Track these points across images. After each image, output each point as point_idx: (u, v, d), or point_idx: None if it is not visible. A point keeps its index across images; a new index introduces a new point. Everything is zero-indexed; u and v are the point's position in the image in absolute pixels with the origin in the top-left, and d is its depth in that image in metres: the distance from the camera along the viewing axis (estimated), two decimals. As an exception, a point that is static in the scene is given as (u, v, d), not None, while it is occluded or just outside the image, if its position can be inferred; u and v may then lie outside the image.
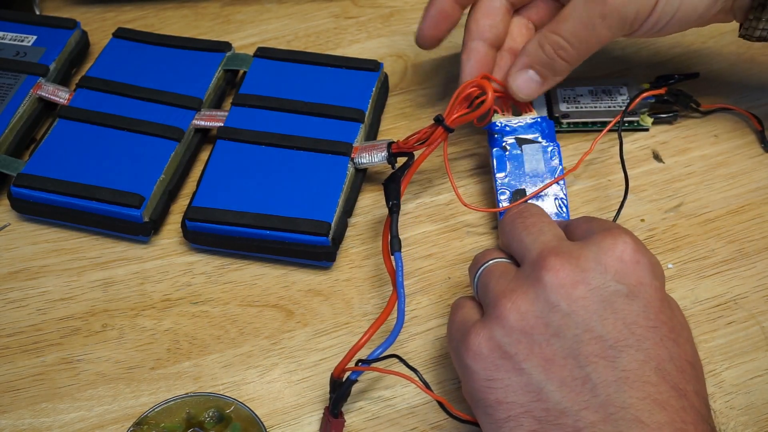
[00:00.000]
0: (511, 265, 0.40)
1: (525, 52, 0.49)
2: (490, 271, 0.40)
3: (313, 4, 0.65)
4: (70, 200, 0.50)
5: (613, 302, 0.36)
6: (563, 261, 0.36)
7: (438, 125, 0.48)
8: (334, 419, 0.42)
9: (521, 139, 0.51)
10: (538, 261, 0.37)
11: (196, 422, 0.43)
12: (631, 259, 0.36)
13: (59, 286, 0.49)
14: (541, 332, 0.36)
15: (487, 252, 0.42)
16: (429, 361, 0.46)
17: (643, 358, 0.35)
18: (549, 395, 0.35)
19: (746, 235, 0.50)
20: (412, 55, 0.61)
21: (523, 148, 0.51)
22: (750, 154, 0.54)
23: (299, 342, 0.47)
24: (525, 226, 0.40)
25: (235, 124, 0.53)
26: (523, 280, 0.37)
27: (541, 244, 0.38)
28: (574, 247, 0.37)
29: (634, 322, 0.35)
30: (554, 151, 0.50)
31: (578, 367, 0.35)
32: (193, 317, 0.48)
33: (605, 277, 0.36)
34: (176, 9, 0.65)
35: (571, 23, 0.47)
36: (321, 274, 0.49)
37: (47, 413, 0.44)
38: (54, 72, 0.57)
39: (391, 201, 0.47)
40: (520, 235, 0.40)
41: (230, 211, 0.48)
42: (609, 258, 0.36)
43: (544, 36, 0.48)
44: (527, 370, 0.36)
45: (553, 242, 0.38)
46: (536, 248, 0.38)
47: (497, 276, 0.39)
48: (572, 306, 0.36)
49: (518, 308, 0.36)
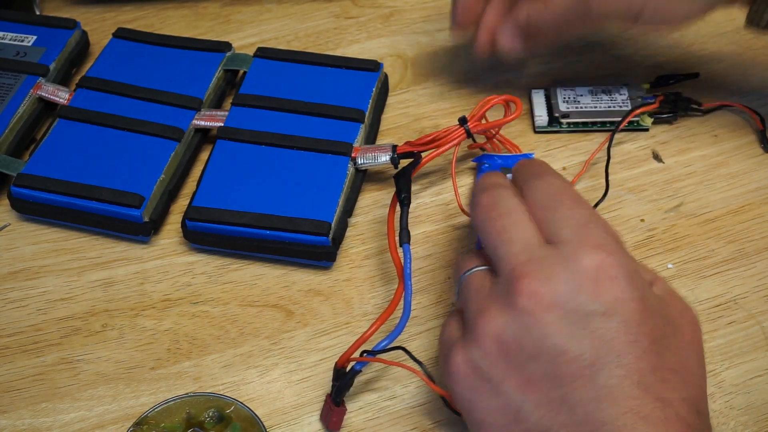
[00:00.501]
0: (489, 278, 0.39)
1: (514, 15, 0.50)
2: (469, 284, 0.39)
3: (313, 4, 0.65)
4: (70, 200, 0.50)
5: (589, 322, 0.35)
6: (535, 285, 0.35)
7: (461, 126, 0.49)
8: (336, 407, 0.42)
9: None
10: (511, 281, 0.36)
11: (196, 422, 0.43)
12: (607, 276, 0.35)
13: (59, 286, 0.49)
14: (517, 354, 0.35)
15: (468, 258, 0.41)
16: (429, 361, 0.45)
17: (623, 373, 0.34)
18: (527, 416, 0.35)
19: (746, 235, 0.50)
20: (412, 55, 0.61)
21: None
22: (750, 154, 0.54)
23: (299, 342, 0.47)
24: (496, 230, 0.38)
25: (235, 124, 0.53)
26: (498, 297, 0.37)
27: (513, 258, 0.37)
28: (546, 263, 0.36)
29: (613, 338, 0.35)
30: None
31: (555, 388, 0.35)
32: (193, 317, 0.48)
33: (580, 297, 0.35)
34: (176, 9, 0.65)
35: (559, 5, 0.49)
36: (321, 274, 0.49)
37: (47, 413, 0.44)
38: (54, 72, 0.57)
39: (403, 194, 0.47)
40: (493, 242, 0.38)
41: (230, 211, 0.48)
42: (586, 276, 0.35)
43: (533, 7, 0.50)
44: (505, 391, 0.36)
45: (522, 256, 0.37)
46: (509, 262, 0.37)
47: (475, 290, 0.38)
48: (546, 329, 0.35)
49: (494, 330, 0.36)
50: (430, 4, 0.65)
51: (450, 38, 0.54)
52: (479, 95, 0.58)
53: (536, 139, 0.56)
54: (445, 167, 0.54)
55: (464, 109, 0.57)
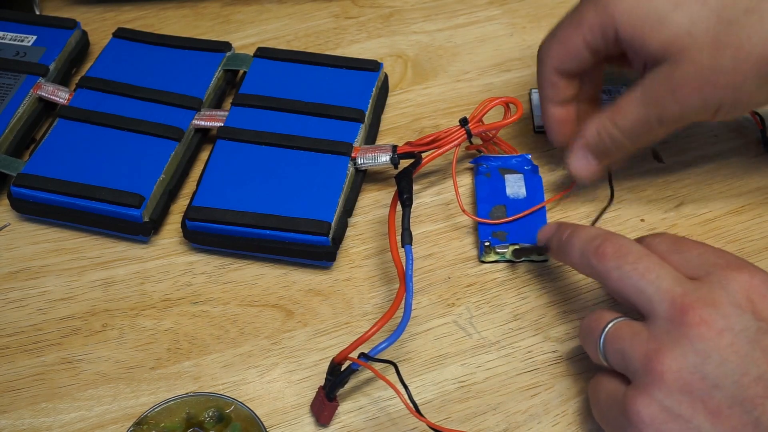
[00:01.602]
0: (636, 324, 0.39)
1: (583, 136, 0.48)
2: (618, 336, 0.39)
3: (313, 4, 0.65)
4: (70, 200, 0.50)
5: (759, 341, 0.36)
6: (702, 313, 0.36)
7: (461, 127, 0.50)
8: (329, 402, 0.42)
9: (504, 169, 0.52)
10: (676, 316, 0.37)
11: (196, 422, 0.43)
12: (759, 295, 0.37)
13: (59, 286, 0.49)
14: (700, 387, 0.36)
15: (599, 314, 0.40)
16: (429, 361, 0.46)
17: None
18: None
19: (746, 235, 0.50)
20: (412, 55, 0.61)
21: (506, 177, 0.51)
22: (750, 154, 0.54)
23: (299, 342, 0.47)
24: (638, 273, 0.39)
25: (235, 124, 0.53)
26: (664, 337, 0.37)
27: (667, 294, 0.37)
28: (703, 292, 0.37)
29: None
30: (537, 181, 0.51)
31: (746, 413, 0.35)
32: (193, 317, 0.48)
33: (744, 318, 0.36)
34: (176, 9, 0.65)
35: (629, 121, 0.46)
36: (321, 274, 0.49)
37: (47, 413, 0.44)
38: (54, 72, 0.57)
39: (405, 194, 0.47)
40: (637, 285, 0.38)
41: (230, 211, 0.48)
42: (741, 298, 0.37)
43: (602, 125, 0.47)
44: (696, 426, 0.35)
45: (677, 289, 0.37)
46: (664, 299, 0.37)
47: (629, 339, 0.38)
48: (723, 354, 0.36)
49: (671, 368, 0.36)
50: (430, 4, 0.65)
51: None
52: (479, 96, 0.58)
53: (536, 139, 0.56)
54: (445, 167, 0.54)
55: (464, 110, 0.57)
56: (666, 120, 0.45)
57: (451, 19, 0.64)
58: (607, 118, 0.47)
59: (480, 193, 0.51)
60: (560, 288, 0.48)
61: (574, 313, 0.47)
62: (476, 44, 0.62)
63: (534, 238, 0.48)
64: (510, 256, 0.49)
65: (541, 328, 0.47)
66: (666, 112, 0.45)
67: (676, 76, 0.44)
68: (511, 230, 0.49)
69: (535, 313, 0.47)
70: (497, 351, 0.46)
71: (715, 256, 0.39)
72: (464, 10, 0.64)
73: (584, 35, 0.46)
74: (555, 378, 0.45)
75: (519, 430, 0.43)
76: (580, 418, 0.43)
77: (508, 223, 0.49)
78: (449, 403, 0.44)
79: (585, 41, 0.46)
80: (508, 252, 0.49)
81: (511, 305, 0.48)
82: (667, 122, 0.45)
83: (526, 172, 0.52)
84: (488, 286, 0.49)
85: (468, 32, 0.63)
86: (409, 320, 0.41)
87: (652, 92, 0.45)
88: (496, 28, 0.63)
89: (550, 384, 0.45)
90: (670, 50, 0.43)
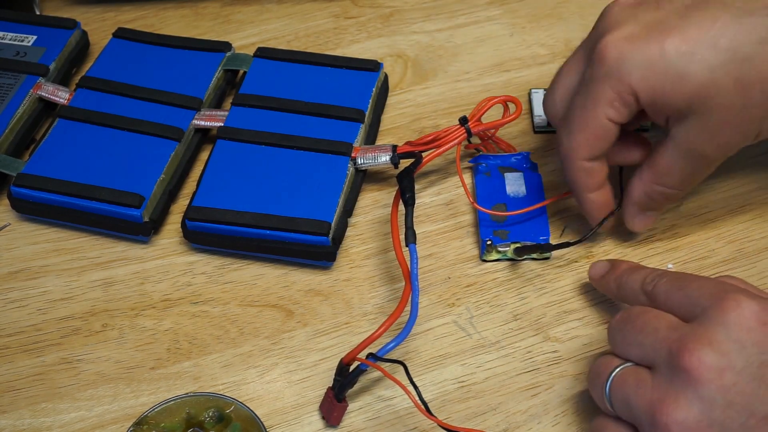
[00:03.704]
0: (641, 370, 0.38)
1: (634, 201, 0.47)
2: (623, 382, 0.38)
3: (313, 4, 0.65)
4: (70, 200, 0.50)
5: (763, 375, 0.35)
6: (700, 355, 0.35)
7: (461, 126, 0.50)
8: (338, 403, 0.42)
9: (504, 168, 0.52)
10: (675, 362, 0.36)
11: (196, 422, 0.43)
12: (758, 323, 0.36)
13: (59, 286, 0.49)
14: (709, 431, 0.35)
15: (605, 360, 0.40)
16: (429, 361, 0.46)
17: None
18: None
19: (746, 235, 0.50)
20: (412, 55, 0.61)
21: (506, 176, 0.51)
22: (750, 154, 0.54)
23: (299, 342, 0.47)
24: (636, 329, 0.39)
25: (235, 124, 0.53)
26: (667, 385, 0.36)
27: (664, 342, 0.37)
28: (698, 333, 0.36)
29: None
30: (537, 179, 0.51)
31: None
32: (193, 317, 0.48)
33: (745, 352, 0.35)
34: (176, 9, 0.65)
35: (676, 176, 0.45)
36: (321, 274, 0.49)
37: (47, 413, 0.44)
38: (54, 72, 0.57)
39: (407, 194, 0.47)
40: (637, 339, 0.38)
41: (230, 211, 0.48)
42: (740, 332, 0.35)
43: (650, 188, 0.46)
44: None
45: (673, 335, 0.37)
46: (662, 348, 0.37)
47: (634, 387, 0.38)
48: (728, 396, 0.35)
49: (676, 420, 0.35)
50: (430, 4, 0.65)
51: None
52: (479, 95, 0.58)
53: (536, 139, 0.56)
54: (445, 167, 0.54)
55: (464, 110, 0.57)
56: (712, 162, 0.45)
57: (451, 19, 0.64)
58: (652, 182, 0.46)
59: (480, 191, 0.51)
60: (560, 288, 0.48)
61: (574, 313, 0.47)
62: (476, 44, 0.62)
63: (535, 235, 0.48)
64: (512, 255, 0.49)
65: (541, 328, 0.47)
66: (710, 158, 0.44)
67: (710, 126, 0.42)
68: (513, 229, 0.49)
69: (535, 313, 0.47)
70: (497, 351, 0.46)
71: (715, 287, 0.38)
72: (464, 10, 0.64)
73: (606, 113, 0.44)
74: (555, 378, 0.45)
75: (519, 430, 0.43)
76: (580, 418, 0.43)
77: (509, 222, 0.49)
78: (449, 403, 0.44)
79: (609, 118, 0.44)
80: (510, 250, 0.49)
81: (511, 305, 0.48)
82: (713, 163, 0.45)
83: (526, 170, 0.52)
84: (488, 286, 0.49)
85: (468, 32, 0.63)
86: (416, 320, 0.41)
87: (690, 145, 0.43)
88: (496, 28, 0.63)
89: (550, 384, 0.45)
90: (696, 102, 0.42)
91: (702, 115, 0.42)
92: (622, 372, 0.39)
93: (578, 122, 0.45)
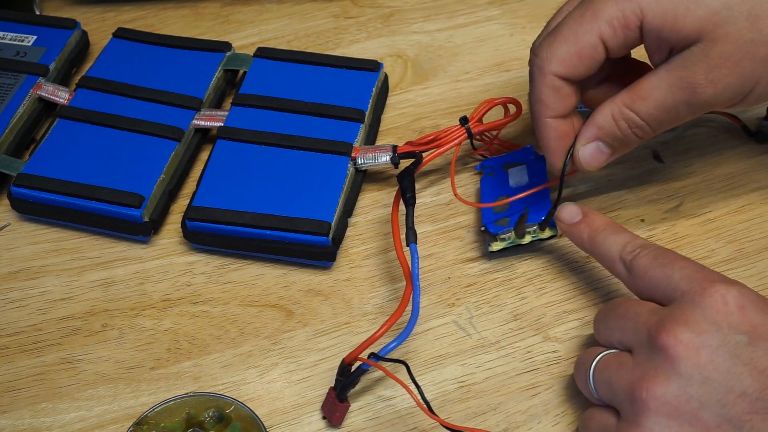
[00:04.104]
0: (624, 355, 0.39)
1: (595, 124, 0.43)
2: (605, 367, 0.39)
3: (313, 4, 0.65)
4: (70, 200, 0.50)
5: (739, 355, 0.36)
6: (677, 333, 0.36)
7: (461, 126, 0.50)
8: (341, 403, 0.42)
9: (508, 164, 0.52)
10: (653, 342, 0.37)
11: (196, 422, 0.43)
12: (736, 307, 0.36)
13: (59, 286, 0.49)
14: (686, 409, 0.36)
15: (590, 350, 0.41)
16: (429, 361, 0.46)
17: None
18: None
19: (746, 235, 0.50)
20: (412, 55, 0.61)
21: (509, 171, 0.51)
22: (750, 154, 0.54)
23: (299, 342, 0.47)
24: (618, 316, 0.39)
25: (235, 123, 0.53)
26: (646, 364, 0.37)
27: (644, 325, 0.38)
28: (676, 314, 0.37)
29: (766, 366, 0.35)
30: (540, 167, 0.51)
31: (735, 429, 0.35)
32: (193, 317, 0.48)
33: (721, 333, 0.36)
34: (176, 9, 0.65)
35: (651, 104, 0.42)
36: (321, 274, 0.49)
37: (47, 413, 0.44)
38: (54, 72, 0.57)
39: (408, 193, 0.47)
40: (618, 324, 0.39)
41: (230, 211, 0.48)
42: (716, 314, 0.36)
43: (619, 110, 0.43)
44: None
45: (653, 318, 0.38)
46: (642, 330, 0.38)
47: (615, 369, 0.38)
48: (705, 372, 0.36)
49: (654, 394, 0.36)
50: (430, 4, 0.65)
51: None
52: (479, 96, 0.58)
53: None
54: (445, 167, 0.54)
55: (464, 110, 0.57)
56: (695, 105, 0.42)
57: (451, 19, 0.64)
58: (624, 103, 0.42)
59: (484, 190, 0.51)
60: (560, 288, 0.48)
61: (574, 313, 0.47)
62: (476, 44, 0.62)
63: (538, 217, 0.47)
64: (515, 239, 0.48)
65: (541, 328, 0.47)
66: (698, 96, 0.41)
67: (712, 55, 0.40)
68: (513, 216, 0.48)
69: (535, 313, 0.47)
70: (497, 351, 0.46)
71: (694, 270, 0.39)
72: (464, 10, 0.64)
73: (600, 30, 0.41)
74: (555, 378, 0.45)
75: (519, 430, 0.43)
76: (579, 418, 0.43)
77: (510, 211, 0.49)
78: (449, 403, 0.44)
79: (601, 37, 0.41)
80: (512, 235, 0.48)
81: (511, 305, 0.48)
82: (696, 108, 0.42)
83: (530, 162, 0.51)
84: (488, 286, 0.49)
85: (468, 32, 0.63)
86: (417, 319, 0.41)
87: (683, 74, 0.41)
88: (496, 28, 0.63)
89: (550, 384, 0.45)
90: (706, 29, 0.40)
91: (707, 44, 0.40)
92: (605, 358, 0.39)
93: (566, 32, 0.42)
